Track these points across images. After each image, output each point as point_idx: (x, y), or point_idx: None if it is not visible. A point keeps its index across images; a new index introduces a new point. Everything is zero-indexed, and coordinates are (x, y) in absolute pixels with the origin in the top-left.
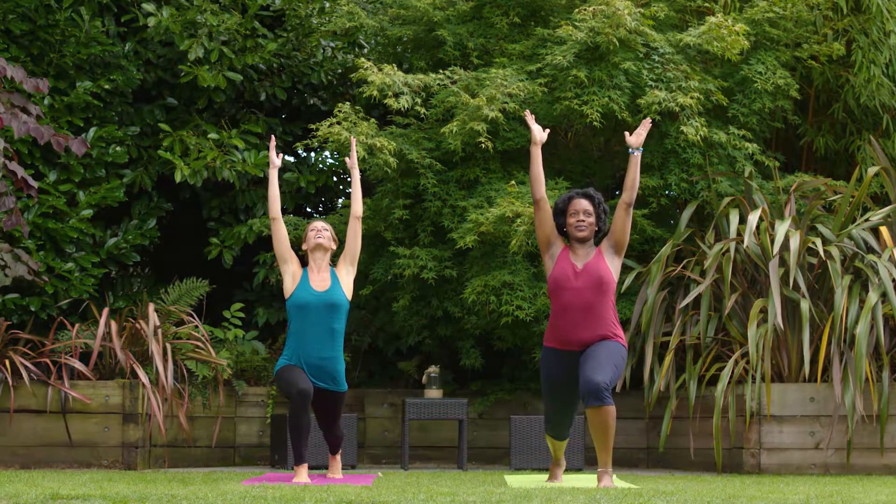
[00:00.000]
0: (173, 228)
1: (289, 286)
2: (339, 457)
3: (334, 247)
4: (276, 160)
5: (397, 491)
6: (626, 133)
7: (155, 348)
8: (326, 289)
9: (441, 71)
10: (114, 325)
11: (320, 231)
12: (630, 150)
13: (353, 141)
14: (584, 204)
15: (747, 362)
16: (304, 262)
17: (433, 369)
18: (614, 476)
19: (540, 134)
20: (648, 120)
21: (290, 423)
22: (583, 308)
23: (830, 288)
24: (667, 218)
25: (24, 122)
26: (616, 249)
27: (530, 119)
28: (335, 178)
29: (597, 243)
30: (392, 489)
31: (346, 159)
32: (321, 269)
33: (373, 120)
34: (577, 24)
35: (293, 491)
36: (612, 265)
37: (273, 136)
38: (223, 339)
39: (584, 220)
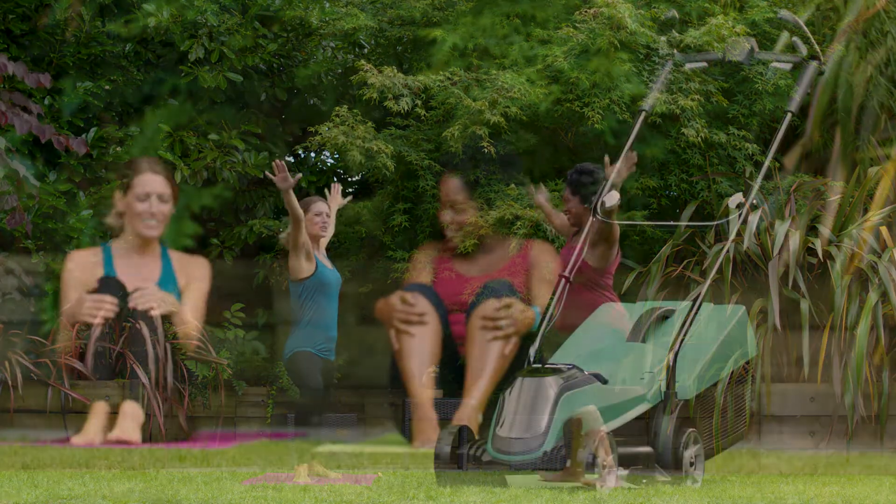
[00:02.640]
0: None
1: (305, 265)
2: None
3: None
4: (280, 183)
5: (397, 491)
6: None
7: (154, 348)
8: (333, 268)
9: (441, 72)
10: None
11: (326, 220)
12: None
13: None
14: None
15: (747, 362)
16: None
17: (433, 369)
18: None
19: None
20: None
21: (297, 422)
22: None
23: (830, 288)
24: (667, 218)
25: (27, 121)
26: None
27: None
28: (335, 179)
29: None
30: (392, 489)
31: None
32: (319, 249)
33: (370, 123)
34: (577, 25)
35: (293, 491)
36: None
37: (280, 163)
38: (223, 339)
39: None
